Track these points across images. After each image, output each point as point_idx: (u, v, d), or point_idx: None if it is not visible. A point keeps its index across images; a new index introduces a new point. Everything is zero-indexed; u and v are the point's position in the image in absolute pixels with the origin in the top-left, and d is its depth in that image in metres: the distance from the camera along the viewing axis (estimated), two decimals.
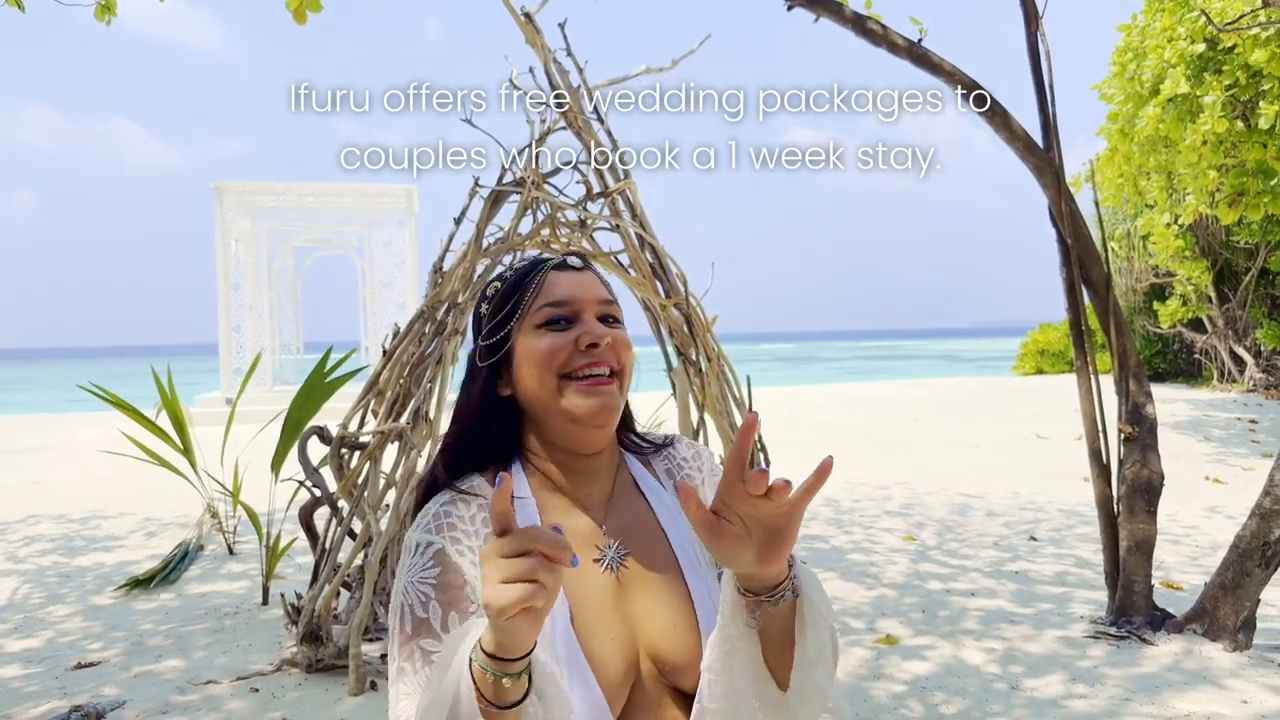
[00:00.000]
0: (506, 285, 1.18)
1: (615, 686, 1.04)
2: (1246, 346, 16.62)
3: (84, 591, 5.35)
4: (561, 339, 1.10)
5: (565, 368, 1.10)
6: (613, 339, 1.12)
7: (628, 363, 1.15)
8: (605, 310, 1.15)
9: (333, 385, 4.74)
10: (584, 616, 1.06)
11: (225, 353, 15.96)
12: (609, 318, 1.16)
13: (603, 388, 1.10)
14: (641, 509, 1.19)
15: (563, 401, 1.10)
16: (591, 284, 1.16)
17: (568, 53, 4.53)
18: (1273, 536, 3.90)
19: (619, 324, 1.17)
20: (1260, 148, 7.18)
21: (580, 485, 1.16)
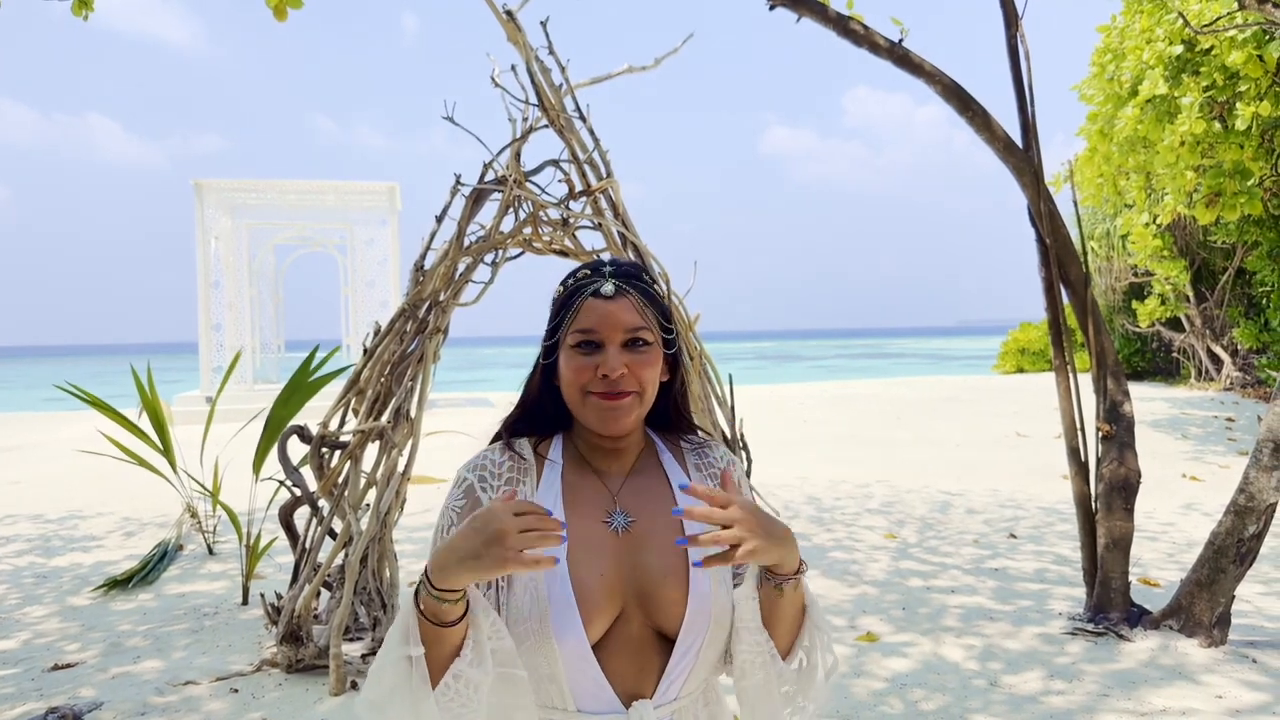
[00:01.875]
0: (558, 300, 1.37)
1: (595, 613, 1.25)
2: (1224, 345, 16.79)
3: (61, 592, 5.30)
4: (587, 363, 1.30)
5: (587, 387, 1.30)
6: (629, 368, 1.30)
7: (648, 380, 1.32)
8: (632, 336, 1.31)
9: (316, 385, 4.72)
10: (578, 555, 1.28)
11: (205, 351, 15.85)
12: (637, 341, 1.32)
13: (617, 403, 1.30)
14: (659, 488, 1.39)
15: (584, 411, 1.32)
16: (621, 312, 1.31)
17: (550, 51, 4.53)
18: (1247, 533, 3.94)
19: (646, 345, 1.33)
20: (1237, 148, 7.25)
21: (601, 460, 1.39)
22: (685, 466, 1.44)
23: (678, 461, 1.44)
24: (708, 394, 4.88)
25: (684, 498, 1.37)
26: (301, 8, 4.80)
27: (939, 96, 4.44)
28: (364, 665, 3.89)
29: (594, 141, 4.62)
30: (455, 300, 4.19)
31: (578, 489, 1.37)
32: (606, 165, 4.62)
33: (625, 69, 4.74)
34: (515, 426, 1.44)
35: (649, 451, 1.44)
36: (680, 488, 1.29)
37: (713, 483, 1.43)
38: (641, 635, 1.29)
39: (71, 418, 16.11)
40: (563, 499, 1.34)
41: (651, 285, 1.38)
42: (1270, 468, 3.92)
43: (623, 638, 1.29)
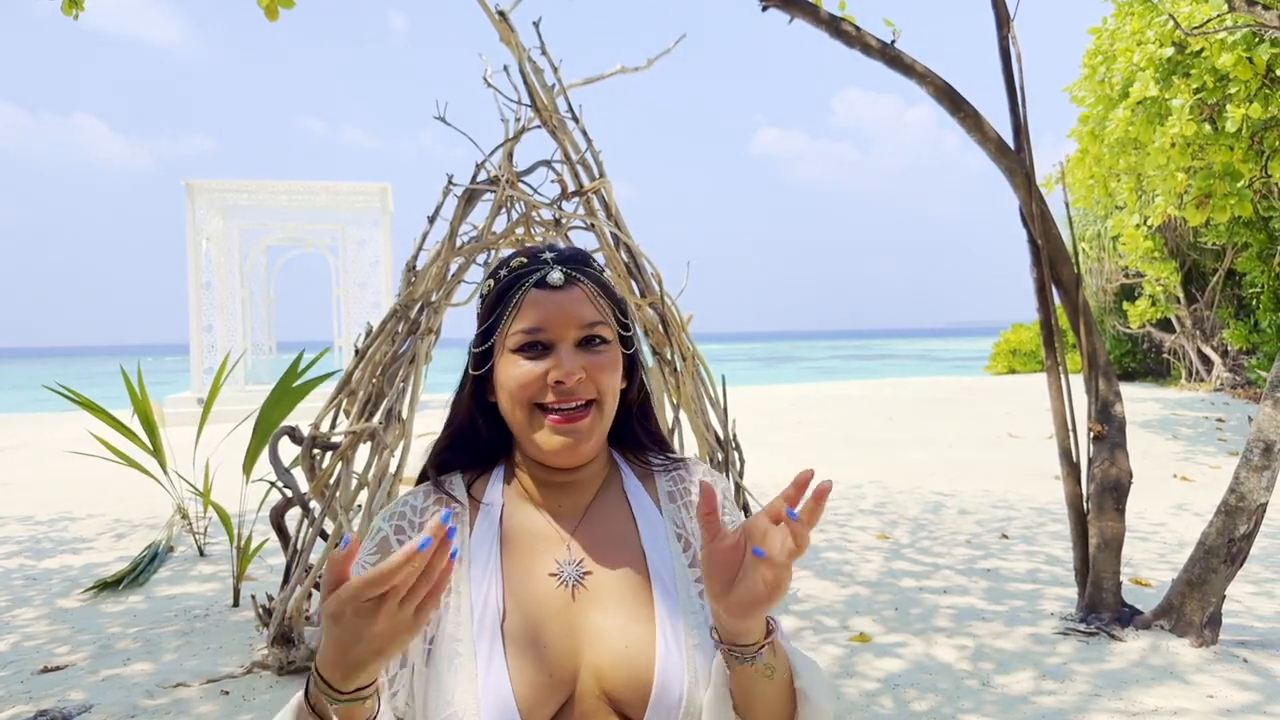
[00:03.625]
0: (491, 294, 1.13)
1: (534, 698, 1.00)
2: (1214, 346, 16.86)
3: (51, 594, 5.28)
4: (533, 369, 1.06)
5: (536, 399, 1.07)
6: (586, 370, 1.06)
7: (607, 385, 1.08)
8: (588, 333, 1.08)
9: (305, 387, 4.70)
10: (520, 624, 1.04)
11: (196, 352, 15.80)
12: (594, 339, 1.09)
13: (573, 425, 1.06)
14: (622, 526, 1.13)
15: (533, 434, 1.07)
16: (573, 304, 1.08)
17: (542, 51, 4.52)
18: (1238, 533, 3.96)
19: (604, 344, 1.09)
20: (1227, 150, 7.29)
21: (552, 497, 1.13)
22: (656, 495, 1.18)
23: (646, 489, 1.18)
24: (701, 395, 4.88)
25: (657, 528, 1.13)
26: (293, 7, 4.78)
27: (931, 97, 4.45)
28: None
29: (586, 142, 4.62)
30: (447, 301, 4.19)
31: (520, 533, 1.11)
32: (599, 165, 4.62)
33: (618, 69, 4.74)
34: (443, 459, 1.18)
35: (611, 479, 1.18)
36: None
37: (687, 513, 1.16)
38: (599, 718, 1.02)
39: (61, 419, 16.04)
40: (500, 548, 1.09)
41: (601, 273, 1.16)
42: (1260, 468, 3.94)
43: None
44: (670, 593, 1.08)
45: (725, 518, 1.14)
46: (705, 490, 0.89)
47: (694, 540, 1.12)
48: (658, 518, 1.14)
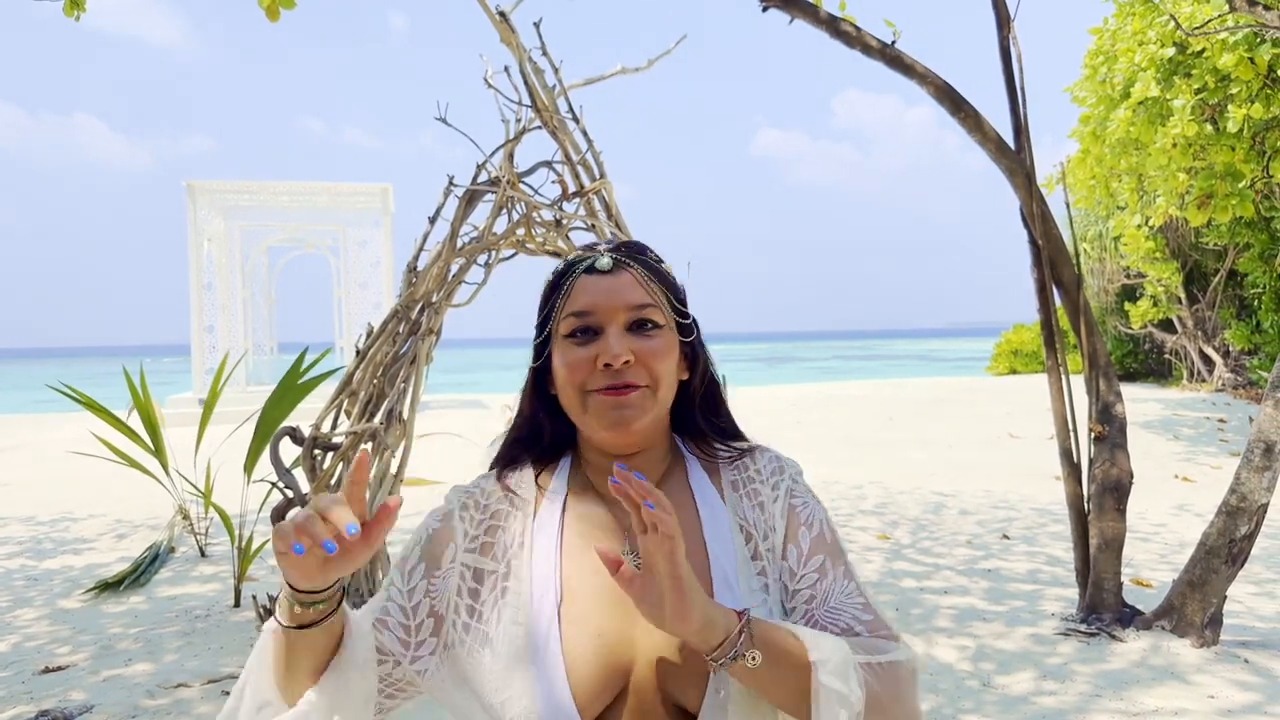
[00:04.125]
0: (546, 285, 1.15)
1: (589, 687, 1.00)
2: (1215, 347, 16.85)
3: (52, 595, 5.28)
4: (583, 354, 1.07)
5: (587, 384, 1.07)
6: (637, 355, 1.06)
7: (661, 371, 1.08)
8: (637, 316, 1.08)
9: (306, 387, 4.70)
10: (578, 613, 1.05)
11: (198, 353, 15.81)
12: (644, 323, 1.08)
13: (621, 398, 1.05)
14: (685, 517, 1.10)
15: (586, 415, 1.08)
16: (622, 289, 1.08)
17: (543, 52, 4.53)
18: (1238, 534, 3.95)
19: (656, 328, 1.09)
20: (1229, 150, 7.28)
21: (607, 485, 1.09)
22: (720, 485, 1.15)
23: (711, 479, 1.15)
24: None
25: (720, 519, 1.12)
26: (294, 8, 4.78)
27: (931, 98, 4.45)
28: None
29: (587, 142, 4.62)
30: (448, 301, 4.19)
31: (581, 523, 1.12)
32: (599, 166, 4.62)
33: (618, 70, 4.74)
34: (512, 453, 1.19)
35: (676, 469, 1.17)
36: (611, 481, 0.93)
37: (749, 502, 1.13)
38: (655, 711, 1.01)
39: (62, 419, 16.05)
40: (561, 537, 1.10)
41: (659, 263, 1.15)
42: (1261, 468, 3.94)
43: (631, 716, 1.02)
44: (731, 585, 1.06)
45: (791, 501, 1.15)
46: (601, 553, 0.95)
47: (755, 532, 1.10)
48: (721, 508, 1.12)
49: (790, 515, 1.12)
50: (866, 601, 1.08)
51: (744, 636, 0.94)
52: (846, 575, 1.10)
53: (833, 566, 1.10)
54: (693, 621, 0.92)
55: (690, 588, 0.93)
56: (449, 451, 10.52)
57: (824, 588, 1.08)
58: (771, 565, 1.08)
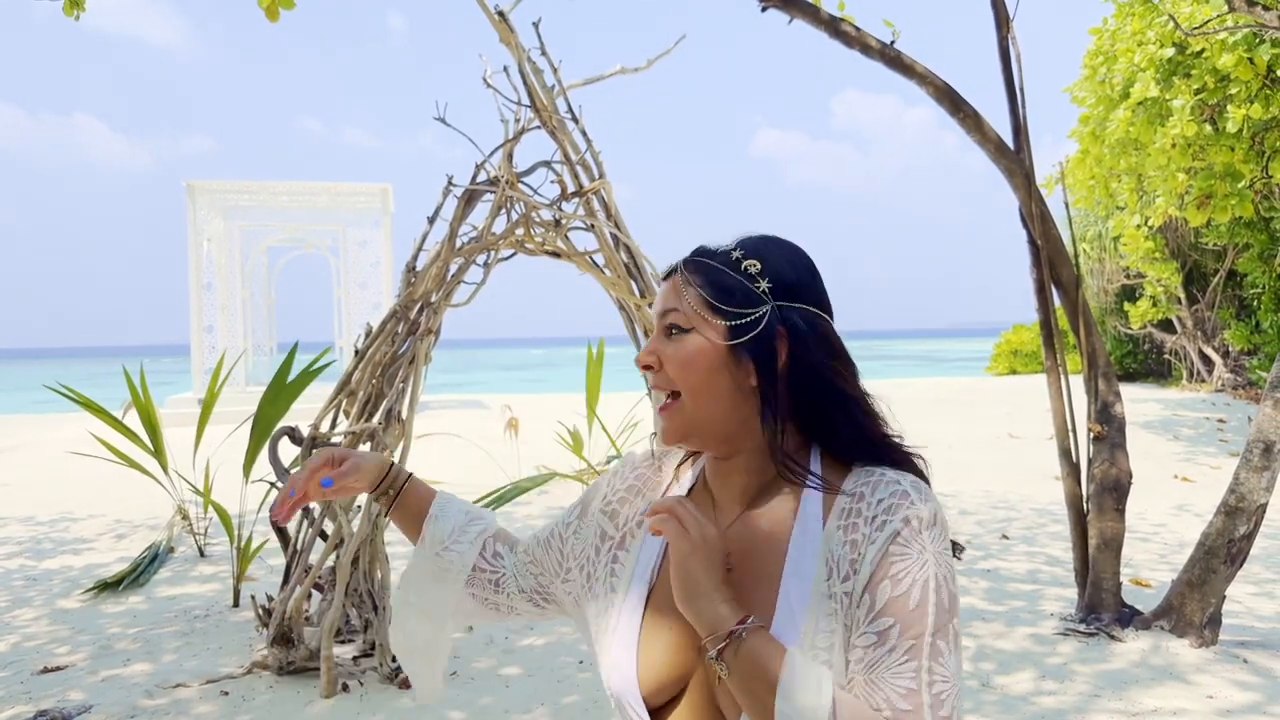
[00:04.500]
0: None
1: (654, 674, 1.03)
2: (1215, 347, 16.85)
3: (51, 595, 5.28)
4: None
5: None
6: (661, 358, 1.07)
7: (681, 376, 1.05)
8: (666, 321, 1.08)
9: (300, 384, 4.69)
10: (663, 601, 1.07)
11: (197, 353, 15.81)
12: (670, 328, 1.07)
13: (662, 411, 1.07)
14: (777, 532, 1.04)
15: None
16: (663, 294, 1.10)
17: (542, 52, 4.52)
18: (1238, 534, 3.95)
19: (681, 333, 1.06)
20: (1228, 151, 7.28)
21: (718, 484, 1.12)
22: (829, 508, 1.03)
23: (825, 500, 1.04)
24: None
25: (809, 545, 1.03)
26: (294, 8, 4.78)
27: (931, 98, 4.45)
28: (355, 667, 3.88)
29: (586, 143, 4.62)
30: (447, 302, 4.19)
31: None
32: (599, 166, 4.62)
33: (618, 70, 4.74)
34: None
35: (789, 487, 1.07)
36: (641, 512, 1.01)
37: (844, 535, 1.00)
38: (706, 709, 1.01)
39: (62, 420, 16.05)
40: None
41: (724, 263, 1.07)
42: (1260, 468, 3.94)
43: (686, 713, 1.03)
44: (794, 614, 0.99)
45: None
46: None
47: (836, 570, 0.98)
48: (817, 534, 1.02)
49: (882, 562, 0.95)
50: (915, 689, 0.90)
51: (729, 644, 0.93)
52: (910, 653, 0.91)
53: (898, 636, 0.92)
54: (684, 604, 0.97)
55: (689, 579, 0.96)
56: (448, 452, 10.52)
57: (875, 656, 0.92)
58: (844, 610, 0.96)
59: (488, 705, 3.57)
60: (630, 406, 7.96)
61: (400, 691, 3.66)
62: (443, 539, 1.27)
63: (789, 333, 1.05)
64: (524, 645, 4.27)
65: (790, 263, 1.09)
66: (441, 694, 1.35)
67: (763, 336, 1.04)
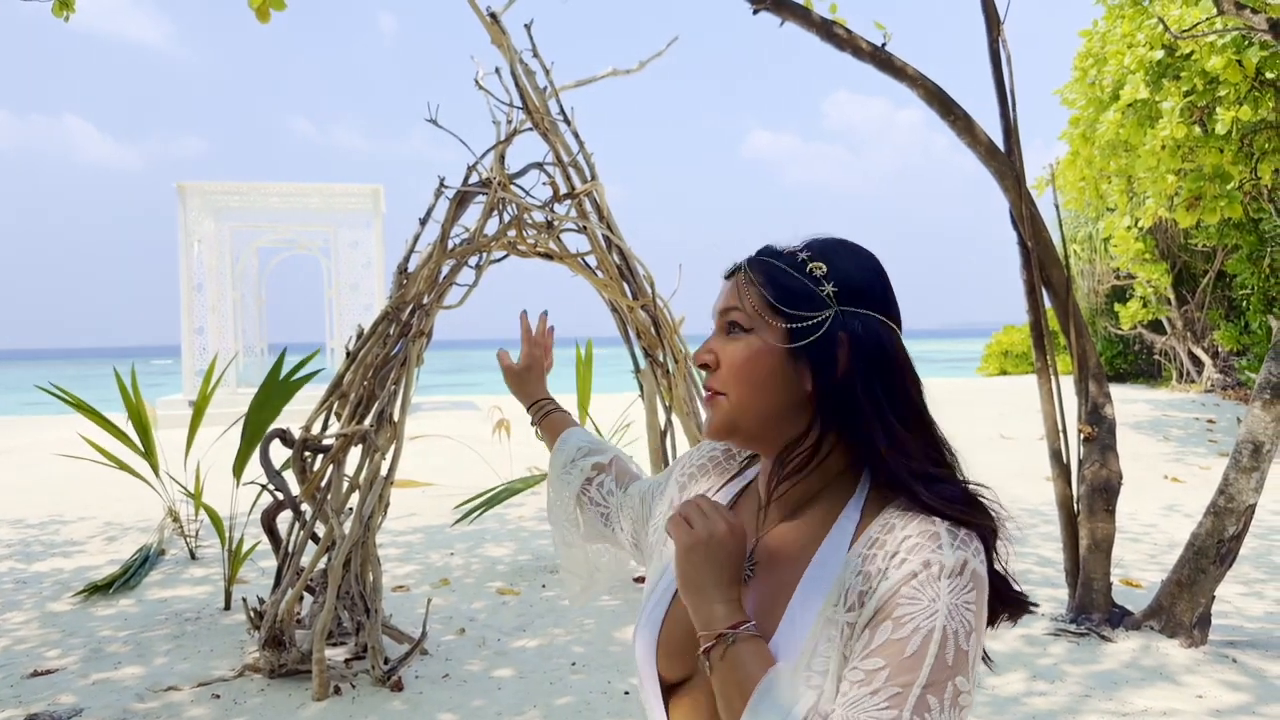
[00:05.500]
0: None
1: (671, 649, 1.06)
2: (1204, 348, 16.92)
3: (41, 598, 5.26)
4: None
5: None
6: (717, 356, 1.05)
7: (731, 377, 1.03)
8: (725, 319, 1.07)
9: (291, 387, 4.68)
10: None
11: (188, 354, 15.76)
12: (731, 325, 1.06)
13: (709, 402, 1.08)
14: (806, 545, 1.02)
15: None
16: (724, 293, 1.09)
17: (534, 53, 4.52)
18: (1227, 534, 3.97)
19: (741, 332, 1.04)
20: (1217, 152, 7.32)
21: (763, 483, 1.10)
22: (858, 535, 0.99)
23: (861, 521, 1.00)
24: (693, 396, 4.89)
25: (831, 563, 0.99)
26: (284, 9, 4.77)
27: (922, 100, 4.46)
28: (347, 670, 3.87)
29: (578, 144, 4.62)
30: (439, 303, 4.19)
31: (742, 506, 1.16)
32: (591, 168, 4.62)
33: (610, 72, 4.74)
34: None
35: (835, 492, 1.04)
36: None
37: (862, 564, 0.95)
38: (711, 710, 0.99)
39: (52, 422, 15.98)
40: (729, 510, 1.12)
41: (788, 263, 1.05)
42: (1249, 469, 3.96)
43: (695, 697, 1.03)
44: (793, 632, 0.96)
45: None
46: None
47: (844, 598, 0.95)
48: (838, 559, 0.98)
49: (889, 602, 0.90)
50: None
51: (716, 645, 0.94)
52: (893, 701, 0.85)
53: (885, 681, 0.86)
54: (686, 600, 0.99)
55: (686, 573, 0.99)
56: (440, 453, 10.50)
57: (857, 694, 0.87)
58: (842, 639, 0.93)
59: (480, 707, 3.56)
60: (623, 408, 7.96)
61: (392, 694, 3.66)
62: (558, 469, 1.49)
63: (850, 339, 1.01)
64: (516, 647, 4.27)
65: (859, 267, 1.05)
66: (582, 601, 1.60)
67: (822, 341, 1.00)
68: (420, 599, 4.99)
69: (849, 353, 1.00)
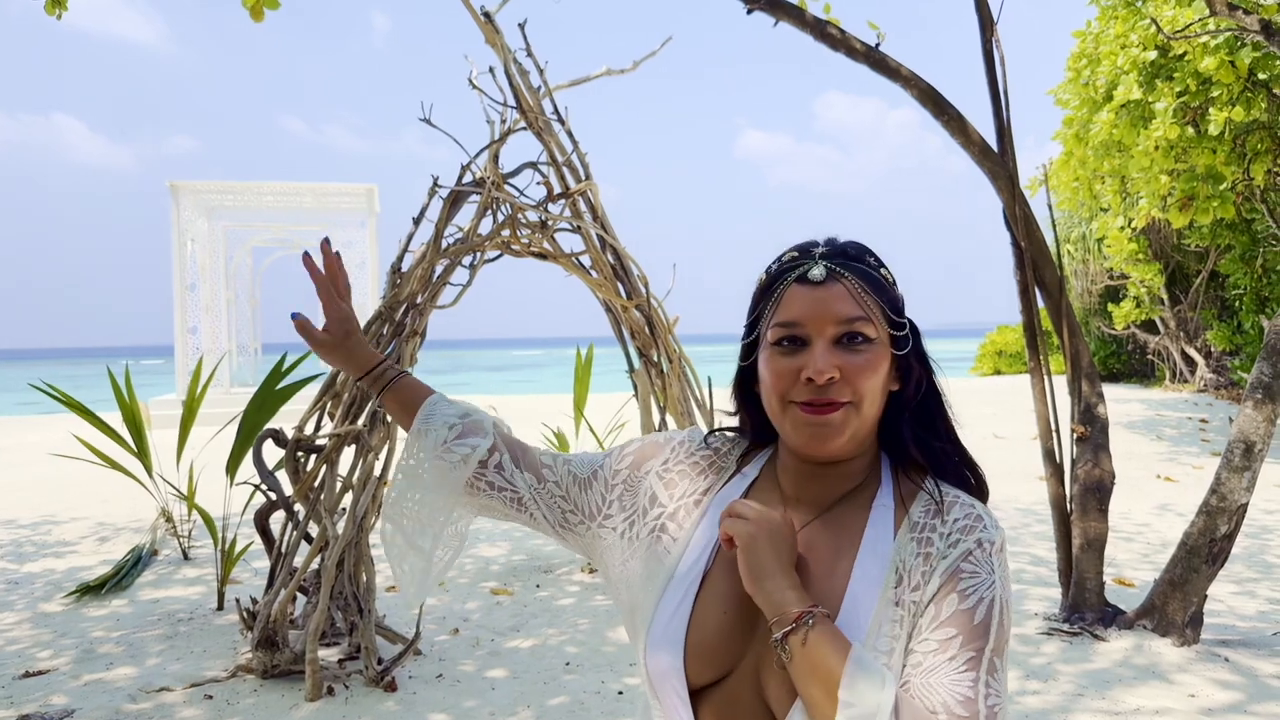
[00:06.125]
0: (759, 287, 1.13)
1: (700, 655, 1.04)
2: (1197, 347, 16.98)
3: (33, 598, 5.24)
4: (788, 365, 1.04)
5: (789, 395, 1.05)
6: (843, 370, 1.02)
7: (866, 388, 1.03)
8: (846, 329, 1.04)
9: (287, 392, 4.68)
10: (717, 585, 1.08)
11: (181, 354, 15.71)
12: (854, 336, 1.04)
13: (822, 417, 1.03)
14: (849, 538, 1.07)
15: (785, 424, 1.07)
16: (833, 300, 1.04)
17: (528, 53, 4.52)
18: (1219, 533, 3.98)
19: (866, 343, 1.04)
20: (1209, 153, 7.35)
21: (799, 485, 1.12)
22: (903, 517, 1.07)
23: (896, 510, 1.08)
24: (687, 397, 4.89)
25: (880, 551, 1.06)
26: (279, 8, 4.76)
27: (915, 100, 4.47)
28: (340, 671, 3.87)
29: (572, 144, 4.62)
30: (433, 303, 4.18)
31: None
32: (585, 167, 4.62)
33: (604, 71, 4.74)
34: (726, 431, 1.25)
35: (866, 487, 1.11)
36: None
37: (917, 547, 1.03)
38: (749, 704, 1.02)
39: (44, 422, 15.93)
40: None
41: (878, 269, 1.10)
42: (1241, 468, 3.97)
43: (728, 698, 1.04)
44: (859, 615, 1.01)
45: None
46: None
47: (907, 578, 1.02)
48: (887, 543, 1.05)
49: (951, 577, 1.00)
50: (971, 697, 0.93)
51: (791, 629, 0.95)
52: (970, 664, 0.94)
53: (960, 647, 0.95)
54: (751, 585, 0.99)
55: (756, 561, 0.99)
56: None
57: (935, 662, 0.96)
58: (909, 618, 1.00)
59: (473, 708, 3.56)
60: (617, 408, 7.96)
61: (385, 695, 3.65)
62: (430, 450, 1.27)
63: (915, 343, 1.11)
64: (510, 647, 4.27)
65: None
66: (421, 596, 1.37)
67: (915, 349, 1.10)
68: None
69: (918, 355, 1.12)
